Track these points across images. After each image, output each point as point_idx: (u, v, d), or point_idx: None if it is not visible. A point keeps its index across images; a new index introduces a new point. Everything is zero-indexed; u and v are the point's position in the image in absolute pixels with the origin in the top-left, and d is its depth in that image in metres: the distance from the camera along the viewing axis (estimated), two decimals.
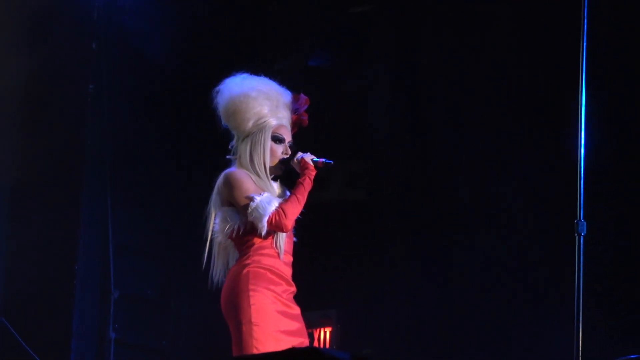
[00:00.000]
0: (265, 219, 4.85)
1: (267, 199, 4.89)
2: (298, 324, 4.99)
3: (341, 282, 7.96)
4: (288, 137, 5.16)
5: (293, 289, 5.05)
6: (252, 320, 4.82)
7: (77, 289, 7.92)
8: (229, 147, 5.20)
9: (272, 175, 5.12)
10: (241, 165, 5.08)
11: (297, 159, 5.12)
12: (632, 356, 4.87)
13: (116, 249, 8.04)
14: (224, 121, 5.19)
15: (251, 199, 4.89)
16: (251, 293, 4.86)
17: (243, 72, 5.21)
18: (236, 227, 4.96)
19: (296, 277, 5.10)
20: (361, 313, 7.78)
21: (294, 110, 5.24)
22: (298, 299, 5.08)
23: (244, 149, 5.08)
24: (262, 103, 5.09)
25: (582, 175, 4.71)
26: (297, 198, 4.96)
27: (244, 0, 8.23)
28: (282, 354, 3.87)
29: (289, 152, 5.13)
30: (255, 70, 5.25)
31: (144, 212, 8.30)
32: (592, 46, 4.85)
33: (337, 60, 8.27)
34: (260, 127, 5.07)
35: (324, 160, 5.11)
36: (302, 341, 4.93)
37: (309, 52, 8.34)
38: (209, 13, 8.33)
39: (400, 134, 7.65)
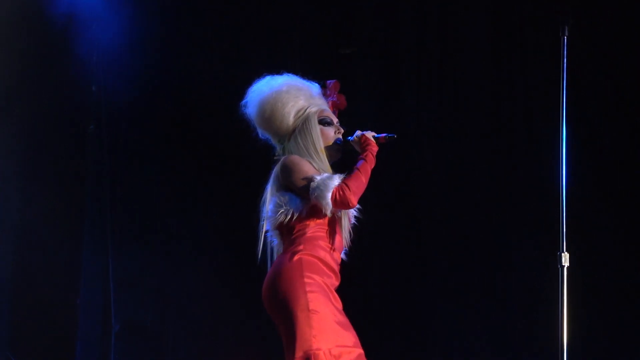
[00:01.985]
0: (329, 194, 4.42)
1: (328, 176, 4.49)
2: (347, 320, 4.55)
3: None
4: (334, 118, 4.81)
5: (338, 283, 4.64)
6: (310, 307, 4.36)
7: (80, 323, 7.92)
8: (273, 154, 4.82)
9: (332, 162, 4.73)
10: None
11: (356, 136, 4.71)
12: None
13: (117, 282, 7.99)
14: (262, 129, 4.82)
15: (311, 179, 4.49)
16: (307, 280, 4.43)
17: (263, 76, 4.88)
18: (290, 212, 4.55)
19: None
20: None
21: (328, 98, 4.91)
22: None
23: (295, 145, 4.70)
24: (296, 95, 4.75)
25: (563, 208, 4.54)
26: (359, 172, 4.53)
27: (238, 54, 8.09)
28: None
29: (342, 130, 4.77)
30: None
31: (144, 246, 8.18)
32: (572, 78, 4.69)
33: None
34: (303, 118, 4.72)
35: (385, 135, 4.69)
36: (356, 341, 4.48)
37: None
38: (209, 59, 8.23)
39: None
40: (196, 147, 8.20)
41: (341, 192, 4.42)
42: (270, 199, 4.66)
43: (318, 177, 4.47)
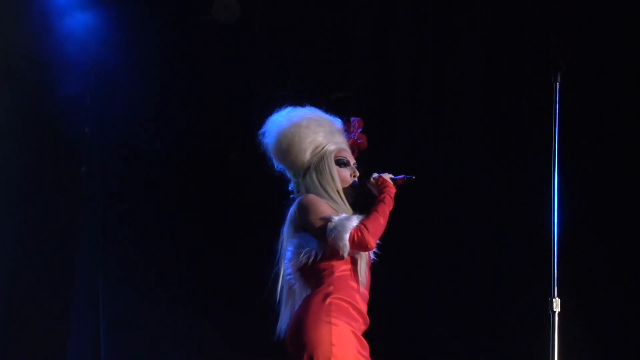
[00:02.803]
0: (347, 235, 4.23)
1: (346, 217, 4.31)
2: None
3: None
4: (352, 159, 4.64)
5: (366, 327, 4.46)
6: (333, 352, 4.20)
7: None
8: (289, 189, 4.68)
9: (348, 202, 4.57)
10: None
11: (373, 179, 4.56)
12: None
13: (106, 325, 7.97)
14: (277, 161, 4.65)
15: (329, 219, 4.30)
16: (333, 327, 4.24)
17: (285, 107, 4.74)
18: (313, 253, 4.35)
19: None
20: None
21: (349, 134, 4.72)
22: None
23: (311, 181, 4.52)
24: (315, 130, 4.58)
25: (555, 253, 4.46)
26: (378, 214, 4.35)
27: (230, 97, 8.12)
28: None
29: (357, 173, 4.61)
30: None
31: (135, 288, 8.16)
32: (565, 123, 4.67)
33: None
34: (320, 155, 4.54)
35: (403, 176, 4.55)
36: None
37: None
38: (200, 101, 8.25)
39: None
40: (191, 187, 8.19)
41: (359, 234, 4.25)
42: (288, 241, 4.49)
43: (336, 218, 4.30)
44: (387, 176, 4.54)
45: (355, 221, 4.28)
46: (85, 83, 8.11)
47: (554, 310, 4.40)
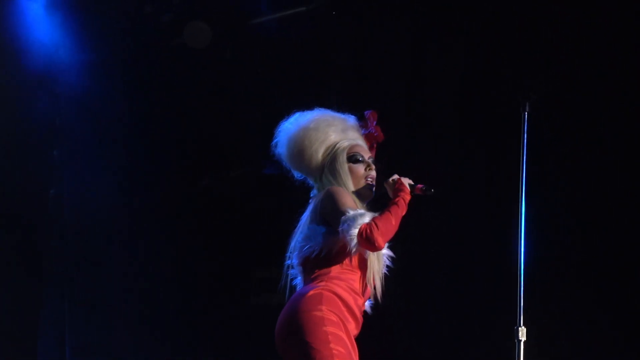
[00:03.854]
0: (356, 230, 4.00)
1: (361, 212, 4.08)
2: None
3: None
4: (366, 153, 4.43)
5: (357, 333, 4.20)
6: (330, 342, 3.94)
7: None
8: (311, 195, 4.46)
9: (365, 202, 4.37)
10: None
11: (392, 180, 4.34)
12: None
13: (72, 351, 7.96)
14: (294, 169, 4.49)
15: (345, 212, 4.06)
16: (325, 314, 4.00)
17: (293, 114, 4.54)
18: (318, 248, 4.15)
19: None
20: None
21: (364, 129, 4.53)
22: None
23: (328, 182, 4.33)
24: (325, 131, 4.40)
25: (521, 283, 4.42)
26: (390, 215, 4.13)
27: (209, 125, 8.19)
28: None
29: (373, 167, 4.40)
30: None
31: (101, 315, 8.16)
32: (533, 153, 4.65)
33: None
34: (332, 155, 4.37)
35: (423, 186, 4.33)
36: None
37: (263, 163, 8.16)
38: (169, 121, 8.31)
39: None
40: (158, 210, 8.21)
41: (369, 230, 4.00)
42: (301, 230, 4.30)
43: (351, 212, 4.07)
44: (407, 181, 4.33)
45: (367, 218, 4.04)
46: (54, 105, 8.09)
47: (520, 339, 4.33)
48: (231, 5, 8.01)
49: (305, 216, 4.31)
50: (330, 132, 4.40)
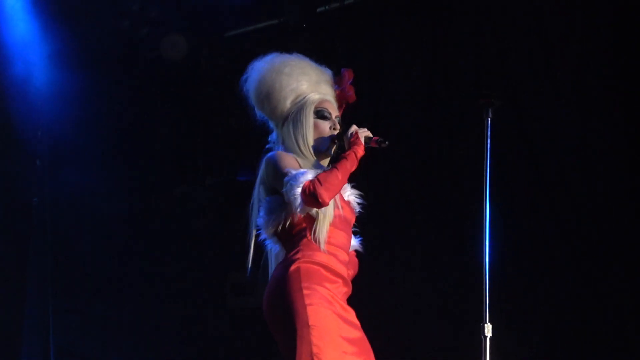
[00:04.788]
0: (299, 189, 3.81)
1: (302, 171, 3.88)
2: (359, 333, 4.01)
3: None
4: (335, 112, 4.19)
5: (349, 290, 4.07)
6: (310, 322, 3.78)
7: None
8: (268, 139, 4.28)
9: (326, 158, 4.19)
10: (287, 150, 4.12)
11: (350, 133, 4.08)
12: None
13: (57, 351, 7.99)
14: (257, 109, 4.23)
15: (287, 173, 3.89)
16: (305, 292, 3.84)
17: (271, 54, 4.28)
18: (283, 216, 3.96)
19: None
20: None
21: (337, 86, 4.28)
22: None
23: (287, 132, 4.12)
24: (298, 79, 4.16)
25: (486, 281, 4.42)
26: (337, 170, 3.90)
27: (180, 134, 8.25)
28: None
29: (338, 127, 4.17)
30: None
31: (84, 317, 8.20)
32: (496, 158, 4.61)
33: None
34: (300, 105, 4.12)
35: (378, 138, 4.08)
36: (364, 354, 3.97)
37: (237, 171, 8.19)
38: (147, 133, 8.37)
39: None
40: (141, 218, 8.28)
41: (312, 187, 3.81)
42: (259, 204, 4.09)
43: (293, 172, 3.89)
44: (364, 133, 4.10)
45: (310, 175, 3.87)
46: (35, 120, 8.15)
47: (486, 335, 4.33)
48: (206, 18, 8.02)
49: (256, 189, 4.13)
50: (303, 80, 4.18)
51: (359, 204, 4.23)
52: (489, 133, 4.41)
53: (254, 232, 4.09)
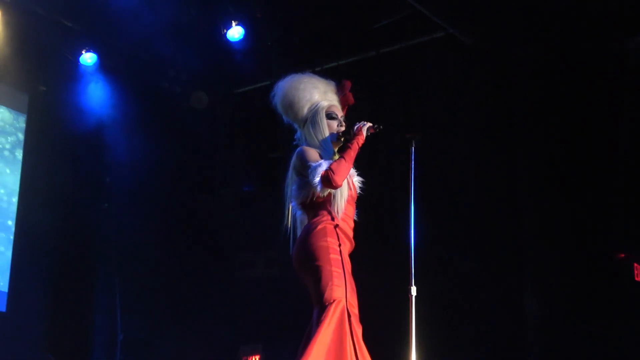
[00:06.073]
0: (318, 177, 3.97)
1: (319, 163, 4.06)
2: (353, 282, 4.08)
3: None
4: (340, 113, 4.34)
5: (352, 247, 4.20)
6: (332, 268, 3.92)
7: (95, 336, 7.83)
8: (295, 137, 4.33)
9: (337, 147, 4.28)
10: (310, 145, 4.26)
11: (355, 127, 4.20)
12: None
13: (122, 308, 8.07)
14: (285, 116, 4.37)
15: (310, 166, 4.04)
16: (330, 245, 4.00)
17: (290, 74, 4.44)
18: (310, 192, 4.09)
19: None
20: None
21: (340, 93, 4.38)
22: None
23: (308, 132, 4.25)
24: (311, 92, 4.29)
25: (412, 253, 4.02)
26: (344, 159, 4.05)
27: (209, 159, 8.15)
28: None
29: (344, 124, 4.29)
30: None
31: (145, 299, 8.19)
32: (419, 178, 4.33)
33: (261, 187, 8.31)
34: (314, 111, 4.25)
35: (375, 125, 4.16)
36: (356, 303, 4.03)
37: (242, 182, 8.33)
38: (185, 159, 8.26)
39: None
40: (190, 223, 8.16)
41: (327, 175, 3.98)
42: (292, 182, 4.20)
43: (313, 164, 4.05)
44: (367, 125, 4.21)
45: (325, 165, 4.03)
46: (108, 146, 7.95)
47: (412, 294, 4.01)
48: (219, 80, 8.08)
49: (290, 172, 4.25)
50: (315, 93, 4.32)
51: (360, 187, 4.36)
52: (413, 158, 4.30)
53: (289, 203, 4.25)
